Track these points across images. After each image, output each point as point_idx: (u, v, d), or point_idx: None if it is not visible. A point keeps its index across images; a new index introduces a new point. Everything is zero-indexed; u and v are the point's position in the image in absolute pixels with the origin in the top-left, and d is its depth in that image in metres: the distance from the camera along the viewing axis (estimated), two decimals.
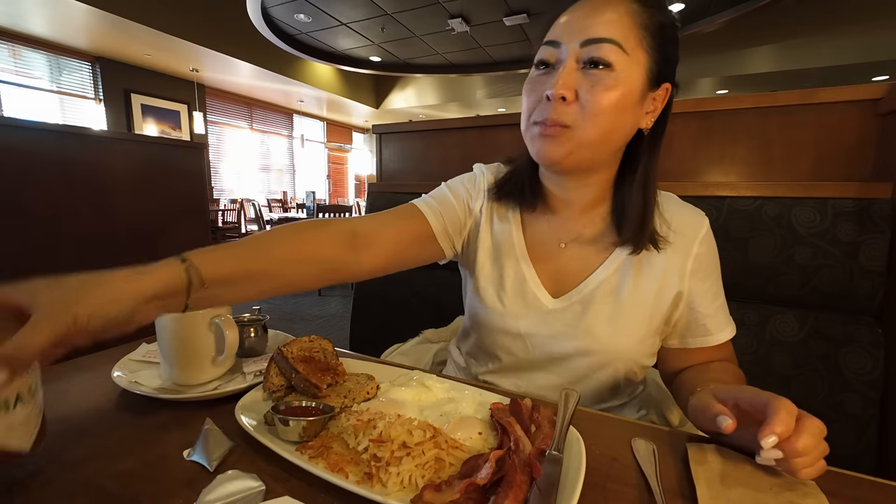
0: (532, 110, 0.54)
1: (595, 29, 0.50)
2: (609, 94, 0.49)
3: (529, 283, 0.63)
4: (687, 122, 1.00)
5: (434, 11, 4.89)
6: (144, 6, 4.42)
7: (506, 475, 0.36)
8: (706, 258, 0.60)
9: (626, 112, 0.52)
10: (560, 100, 0.50)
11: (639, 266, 0.60)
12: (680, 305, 0.60)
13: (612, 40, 0.49)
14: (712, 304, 0.60)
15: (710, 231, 0.60)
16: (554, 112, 0.51)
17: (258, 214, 4.53)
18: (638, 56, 0.51)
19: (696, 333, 0.61)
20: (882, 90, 0.83)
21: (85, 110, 5.49)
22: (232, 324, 0.55)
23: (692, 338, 0.61)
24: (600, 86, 0.49)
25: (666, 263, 0.59)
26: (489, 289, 0.65)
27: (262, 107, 7.90)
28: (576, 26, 0.51)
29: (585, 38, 0.50)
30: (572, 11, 0.53)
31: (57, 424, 0.48)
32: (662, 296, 0.59)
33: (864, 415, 0.74)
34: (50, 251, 1.42)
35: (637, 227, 0.57)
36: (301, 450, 0.42)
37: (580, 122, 0.50)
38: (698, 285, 0.59)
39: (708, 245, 0.60)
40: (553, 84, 0.50)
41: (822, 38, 5.15)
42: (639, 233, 0.57)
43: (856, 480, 0.41)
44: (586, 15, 0.51)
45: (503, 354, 0.66)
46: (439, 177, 1.41)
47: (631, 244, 0.58)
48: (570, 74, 0.50)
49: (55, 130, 1.45)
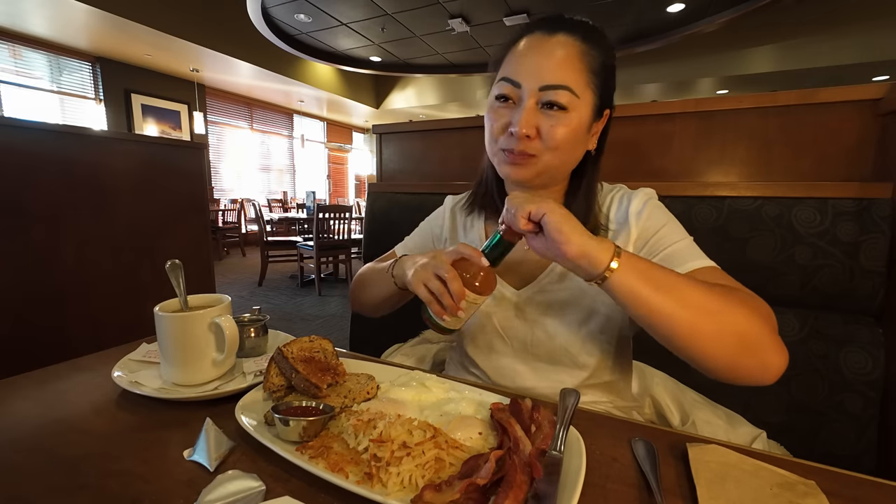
0: (497, 136, 0.62)
1: (552, 75, 0.57)
2: (564, 131, 0.57)
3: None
4: (687, 122, 1.00)
5: (434, 11, 4.89)
6: (144, 6, 4.42)
7: (506, 475, 0.36)
8: (644, 213, 0.62)
9: (579, 142, 0.60)
10: (525, 137, 0.58)
11: None
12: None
13: (566, 87, 0.56)
14: (670, 238, 0.60)
15: (644, 195, 0.63)
16: (520, 145, 0.59)
17: (258, 214, 4.53)
18: (586, 97, 0.58)
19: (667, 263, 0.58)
20: (882, 90, 0.83)
21: (85, 110, 5.49)
22: (232, 324, 0.55)
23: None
24: (558, 125, 0.57)
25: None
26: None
27: (263, 107, 7.90)
28: (534, 69, 0.58)
29: (543, 83, 0.57)
30: (530, 49, 0.59)
31: (57, 424, 0.48)
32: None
33: (865, 415, 0.74)
34: (50, 251, 1.42)
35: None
36: (301, 450, 0.42)
37: (543, 152, 0.59)
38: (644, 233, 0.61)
39: (642, 205, 0.62)
40: (518, 122, 0.57)
41: (822, 38, 5.15)
42: None
43: (856, 480, 0.41)
44: (544, 57, 0.57)
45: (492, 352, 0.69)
46: (439, 177, 1.41)
47: None
48: (532, 113, 0.58)
49: (55, 130, 1.45)
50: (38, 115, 5.00)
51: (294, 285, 4.67)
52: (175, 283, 0.59)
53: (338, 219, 4.23)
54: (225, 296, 0.61)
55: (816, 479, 0.39)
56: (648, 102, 1.06)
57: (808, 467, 0.43)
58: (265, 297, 4.14)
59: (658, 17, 4.91)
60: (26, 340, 1.35)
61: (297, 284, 4.68)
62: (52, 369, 0.62)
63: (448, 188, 1.09)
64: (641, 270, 0.47)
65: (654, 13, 4.80)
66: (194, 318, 0.55)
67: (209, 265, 1.98)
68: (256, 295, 4.24)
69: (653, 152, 1.03)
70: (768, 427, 0.72)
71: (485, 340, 0.69)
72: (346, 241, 4.37)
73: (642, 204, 0.63)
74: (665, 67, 6.09)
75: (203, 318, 0.55)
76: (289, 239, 4.67)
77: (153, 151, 1.74)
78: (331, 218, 4.16)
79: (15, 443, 0.45)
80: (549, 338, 0.65)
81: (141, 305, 1.65)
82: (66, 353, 0.67)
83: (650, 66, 6.11)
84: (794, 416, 0.78)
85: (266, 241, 4.48)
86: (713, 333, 0.47)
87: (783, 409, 0.79)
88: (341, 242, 4.33)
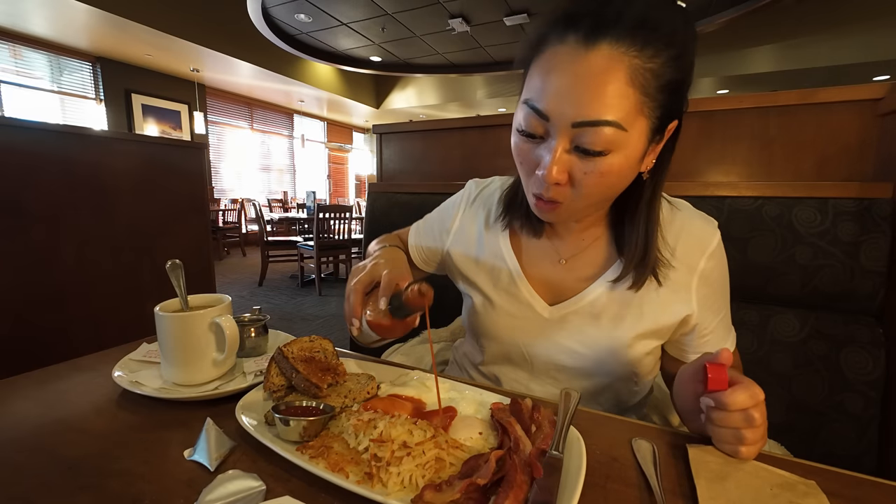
0: (527, 178, 0.51)
1: (590, 109, 0.42)
2: (603, 179, 0.46)
3: (523, 291, 0.62)
4: (687, 122, 0.99)
5: (434, 11, 4.89)
6: (145, 6, 4.42)
7: (506, 475, 0.36)
8: (713, 274, 0.56)
9: (623, 179, 0.49)
10: (554, 184, 0.47)
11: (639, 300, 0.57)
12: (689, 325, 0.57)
13: (608, 123, 0.42)
14: (713, 320, 0.58)
15: (719, 245, 0.56)
16: (548, 192, 0.48)
17: (258, 214, 4.53)
18: (639, 125, 0.44)
19: (695, 350, 0.59)
20: (883, 90, 0.83)
21: (85, 110, 5.49)
22: (232, 324, 0.55)
23: (692, 353, 0.59)
24: (594, 172, 0.45)
25: (669, 293, 0.56)
26: (479, 297, 0.66)
27: (263, 107, 7.90)
28: (566, 99, 0.43)
29: (577, 119, 0.43)
30: (559, 67, 0.43)
31: (57, 424, 0.48)
32: (661, 320, 0.57)
33: (865, 415, 0.74)
34: (50, 251, 1.42)
35: (639, 261, 0.54)
36: (301, 450, 0.42)
37: (573, 200, 0.49)
38: (704, 299, 0.56)
39: (716, 261, 0.56)
40: (546, 168, 0.46)
41: (822, 37, 5.15)
42: (640, 266, 0.54)
43: (857, 480, 0.41)
44: (578, 82, 0.42)
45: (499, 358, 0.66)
46: (440, 176, 1.41)
47: (631, 278, 0.55)
48: (562, 159, 0.45)
49: (56, 130, 1.45)
50: (39, 115, 5.00)
51: (294, 285, 4.67)
52: (175, 283, 0.59)
53: (338, 219, 4.23)
54: (225, 296, 0.61)
55: (817, 479, 0.39)
56: None
57: (808, 467, 0.43)
58: (265, 297, 4.14)
59: None
60: (26, 340, 1.35)
61: (297, 284, 4.68)
62: (52, 369, 0.62)
63: (448, 188, 1.09)
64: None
65: None
66: (195, 317, 0.55)
67: (209, 265, 1.98)
68: (257, 295, 4.24)
69: None
70: (769, 427, 0.72)
71: (501, 350, 0.65)
72: (346, 241, 4.38)
73: (720, 256, 0.56)
74: None
75: (203, 317, 0.55)
76: (289, 239, 4.67)
77: (153, 151, 1.74)
78: (331, 218, 4.16)
79: (15, 443, 0.45)
80: (571, 359, 0.60)
81: (141, 305, 1.65)
82: (66, 353, 0.67)
83: None
84: (795, 416, 0.78)
85: (266, 240, 4.48)
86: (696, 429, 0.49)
87: (784, 409, 0.79)
88: (341, 242, 4.33)
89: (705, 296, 0.56)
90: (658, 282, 0.55)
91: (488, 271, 0.66)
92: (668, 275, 0.55)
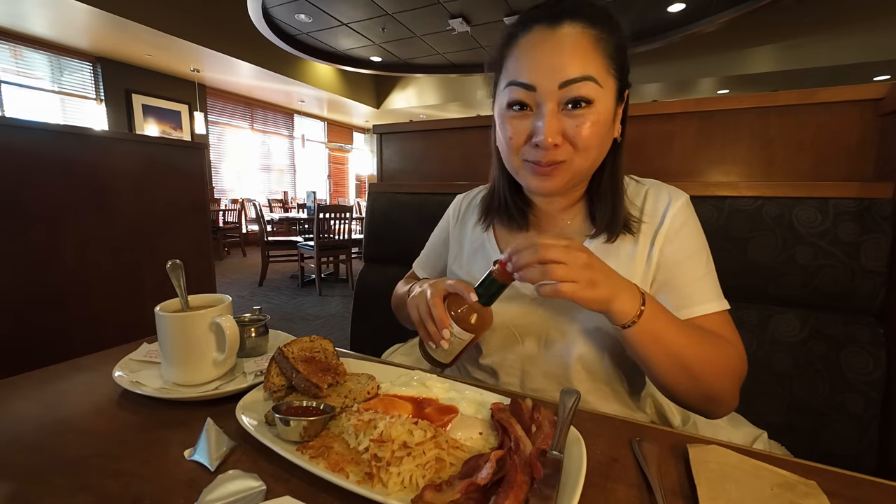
0: (518, 149, 0.57)
1: (571, 68, 0.51)
2: (594, 129, 0.53)
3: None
4: (687, 122, 1.00)
5: (434, 11, 4.89)
6: (145, 6, 4.42)
7: (506, 475, 0.36)
8: (681, 229, 0.60)
9: (608, 134, 0.56)
10: (552, 146, 0.53)
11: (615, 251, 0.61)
12: (657, 277, 0.60)
13: (589, 77, 0.51)
14: (693, 273, 0.58)
15: (686, 205, 0.61)
16: (548, 155, 0.54)
17: (259, 214, 4.53)
18: (609, 84, 0.54)
19: (680, 304, 0.57)
20: (883, 90, 0.82)
21: (86, 110, 5.50)
22: (233, 324, 0.55)
23: (675, 310, 0.56)
24: (586, 124, 0.52)
25: (639, 245, 0.61)
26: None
27: (263, 107, 7.91)
28: (548, 67, 0.52)
29: (563, 79, 0.51)
30: (536, 46, 0.53)
31: (57, 424, 0.48)
32: (635, 276, 0.60)
33: (866, 415, 0.74)
34: (50, 251, 1.42)
35: (609, 220, 0.61)
36: (302, 450, 0.42)
37: (573, 157, 0.55)
38: (673, 254, 0.59)
39: (683, 217, 0.60)
40: (542, 131, 0.52)
41: (822, 37, 5.15)
42: (611, 224, 0.60)
43: (857, 481, 0.41)
44: (555, 52, 0.52)
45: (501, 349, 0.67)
46: (440, 177, 1.41)
47: (605, 234, 0.61)
48: (555, 119, 0.52)
49: (56, 130, 1.45)
50: (39, 116, 5.00)
51: (294, 285, 4.67)
52: (176, 283, 0.59)
53: (338, 219, 4.23)
54: (225, 296, 0.61)
55: (817, 480, 0.39)
56: (649, 102, 1.06)
57: (808, 467, 0.43)
58: (266, 297, 4.14)
59: (658, 17, 4.91)
60: (27, 340, 1.35)
61: (297, 284, 4.68)
62: (52, 369, 0.62)
63: (448, 188, 1.09)
64: (657, 331, 0.50)
65: (655, 13, 4.80)
66: (195, 318, 0.55)
67: (210, 265, 1.98)
68: (257, 295, 4.24)
69: (653, 152, 1.03)
70: (769, 427, 0.72)
71: (496, 338, 0.66)
72: (346, 241, 4.38)
73: (685, 216, 0.60)
74: (665, 67, 6.08)
75: (204, 318, 0.55)
76: (289, 239, 4.67)
77: (154, 151, 1.74)
78: (331, 218, 4.16)
79: (15, 443, 0.45)
80: (562, 337, 0.62)
81: (141, 305, 1.65)
82: (66, 353, 0.67)
83: (651, 66, 6.10)
84: (795, 417, 0.78)
85: (267, 241, 4.49)
86: (688, 390, 0.53)
87: (784, 410, 0.79)
88: (342, 242, 4.33)
89: (676, 249, 0.59)
90: (631, 233, 0.61)
91: (479, 269, 0.70)
92: (639, 228, 0.61)
